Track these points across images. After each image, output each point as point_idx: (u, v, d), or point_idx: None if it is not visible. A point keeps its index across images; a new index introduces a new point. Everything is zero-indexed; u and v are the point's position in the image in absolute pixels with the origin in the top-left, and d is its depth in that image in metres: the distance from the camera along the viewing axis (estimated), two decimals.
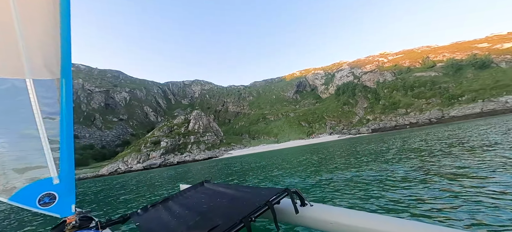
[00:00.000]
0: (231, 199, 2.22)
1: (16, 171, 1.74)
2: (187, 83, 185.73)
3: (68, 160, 1.87)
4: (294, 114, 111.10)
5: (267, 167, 11.73)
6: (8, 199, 1.69)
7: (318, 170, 7.70)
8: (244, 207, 1.82)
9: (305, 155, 16.35)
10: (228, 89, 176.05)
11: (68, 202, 1.93)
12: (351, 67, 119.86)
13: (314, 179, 6.20)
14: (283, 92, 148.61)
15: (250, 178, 8.71)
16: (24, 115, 1.71)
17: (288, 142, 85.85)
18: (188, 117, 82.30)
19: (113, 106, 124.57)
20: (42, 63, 1.67)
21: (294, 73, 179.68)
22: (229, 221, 1.57)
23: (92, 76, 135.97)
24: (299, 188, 2.70)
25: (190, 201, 2.59)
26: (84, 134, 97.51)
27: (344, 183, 5.09)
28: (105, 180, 27.84)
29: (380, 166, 6.70)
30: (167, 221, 2.05)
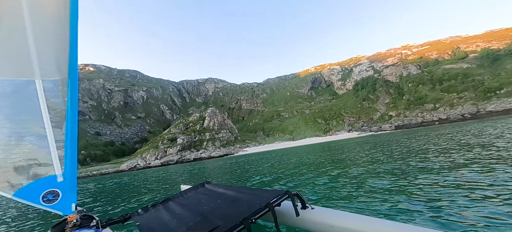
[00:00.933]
0: (232, 201, 2.19)
1: (22, 168, 1.80)
2: (201, 82, 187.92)
3: (71, 159, 1.92)
4: (309, 111, 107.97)
5: (284, 166, 11.00)
6: (12, 195, 1.73)
7: (343, 171, 6.67)
8: (244, 209, 1.81)
9: (322, 153, 15.15)
10: (241, 87, 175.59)
11: (70, 200, 1.96)
12: (370, 61, 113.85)
13: (337, 181, 5.39)
14: (297, 89, 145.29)
15: (267, 177, 8.06)
16: (32, 115, 1.78)
17: (304, 140, 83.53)
18: (203, 115, 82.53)
19: (131, 105, 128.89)
20: (51, 64, 1.72)
21: (309, 69, 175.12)
22: (230, 222, 1.57)
23: (111, 76, 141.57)
24: (316, 190, 3.03)
25: (190, 202, 2.54)
26: (105, 132, 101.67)
27: (374, 188, 4.21)
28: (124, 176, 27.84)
29: (421, 171, 5.24)
30: (167, 221, 2.05)
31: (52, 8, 1.58)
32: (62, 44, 1.67)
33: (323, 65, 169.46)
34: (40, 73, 1.71)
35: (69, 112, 1.83)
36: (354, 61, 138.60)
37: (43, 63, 1.69)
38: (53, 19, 1.60)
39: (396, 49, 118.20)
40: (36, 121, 1.78)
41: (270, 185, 6.45)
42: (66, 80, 1.78)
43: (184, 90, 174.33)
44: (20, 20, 1.52)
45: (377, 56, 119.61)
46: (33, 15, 1.54)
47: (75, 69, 1.78)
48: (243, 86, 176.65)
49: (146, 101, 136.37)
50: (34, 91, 1.73)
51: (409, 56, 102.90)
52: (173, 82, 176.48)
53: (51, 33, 1.64)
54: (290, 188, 3.30)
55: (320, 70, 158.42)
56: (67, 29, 1.64)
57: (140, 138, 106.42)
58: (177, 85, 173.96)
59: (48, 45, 1.67)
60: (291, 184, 5.86)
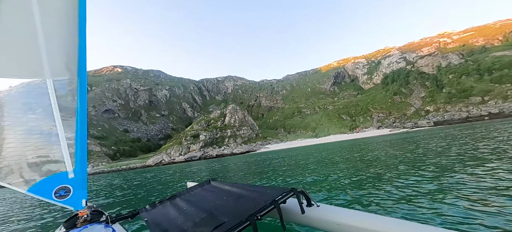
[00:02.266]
0: (237, 198, 2.21)
1: (36, 164, 1.88)
2: (220, 80, 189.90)
3: (82, 156, 1.99)
4: (333, 107, 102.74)
5: (311, 164, 10.19)
6: (26, 191, 1.80)
7: (382, 175, 5.55)
8: (250, 206, 1.83)
9: (351, 152, 13.49)
10: (260, 84, 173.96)
11: (81, 196, 2.04)
12: (402, 52, 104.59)
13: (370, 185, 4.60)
14: (319, 85, 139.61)
15: (295, 175, 7.39)
16: (44, 113, 1.86)
17: (328, 137, 79.38)
18: (224, 112, 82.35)
19: (155, 103, 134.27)
20: (61, 64, 1.79)
21: (331, 64, 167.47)
22: (235, 219, 1.58)
23: (137, 76, 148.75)
24: (349, 190, 2.95)
25: (196, 198, 2.59)
26: (132, 129, 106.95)
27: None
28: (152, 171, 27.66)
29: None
30: (174, 217, 2.09)
31: (61, 8, 1.62)
32: (71, 44, 1.72)
33: (346, 59, 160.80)
34: (51, 73, 1.76)
35: (78, 110, 1.88)
36: (382, 53, 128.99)
37: (53, 63, 1.74)
38: (62, 20, 1.65)
39: (432, 37, 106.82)
40: (47, 120, 1.84)
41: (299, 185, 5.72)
42: (75, 79, 1.83)
43: (204, 88, 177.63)
44: (31, 21, 1.55)
45: (410, 46, 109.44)
46: (43, 16, 1.57)
47: (84, 69, 1.83)
48: (262, 83, 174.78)
49: (169, 100, 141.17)
50: (45, 91, 1.79)
51: (448, 44, 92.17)
52: (193, 81, 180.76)
53: (61, 33, 1.68)
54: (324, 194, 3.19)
55: (343, 64, 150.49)
56: (76, 29, 1.68)
57: (164, 135, 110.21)
58: (197, 84, 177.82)
59: (58, 45, 1.71)
60: (324, 193, 4.63)
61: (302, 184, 5.77)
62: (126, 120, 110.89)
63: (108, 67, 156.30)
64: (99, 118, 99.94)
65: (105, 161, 69.81)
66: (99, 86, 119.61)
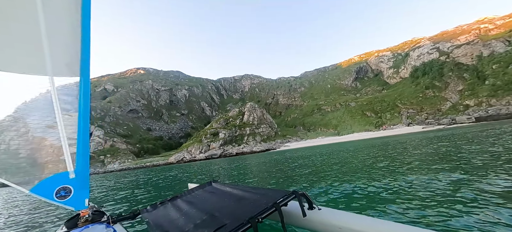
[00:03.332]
0: (239, 200, 2.20)
1: (36, 164, 1.87)
2: (237, 78, 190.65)
3: (84, 156, 1.97)
4: (355, 103, 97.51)
5: (338, 164, 9.24)
6: (29, 191, 1.80)
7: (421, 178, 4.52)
8: (251, 208, 1.82)
9: (380, 151, 11.98)
10: (277, 82, 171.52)
11: (82, 196, 2.03)
12: (433, 42, 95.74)
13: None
14: (339, 80, 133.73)
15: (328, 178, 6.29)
16: (45, 112, 1.84)
17: (351, 135, 75.30)
18: (242, 110, 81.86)
19: (175, 103, 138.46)
20: (63, 62, 1.78)
21: (352, 58, 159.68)
22: (236, 221, 1.58)
23: (158, 77, 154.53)
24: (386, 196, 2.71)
25: (197, 200, 2.58)
26: (155, 127, 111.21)
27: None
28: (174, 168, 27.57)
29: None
30: (175, 218, 2.08)
31: (64, 7, 1.62)
32: (74, 43, 1.72)
33: (369, 52, 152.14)
34: (53, 71, 1.75)
35: (81, 110, 1.86)
36: (410, 44, 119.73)
37: (56, 61, 1.74)
38: (65, 19, 1.65)
39: (469, 24, 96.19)
40: (49, 119, 1.81)
41: (331, 188, 4.96)
42: (78, 79, 1.82)
43: (221, 87, 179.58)
44: (34, 17, 1.55)
45: (443, 35, 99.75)
46: (47, 13, 1.57)
47: (87, 68, 1.80)
48: (279, 80, 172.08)
49: (188, 99, 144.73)
50: (47, 89, 1.77)
51: (490, 31, 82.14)
52: (211, 80, 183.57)
53: (63, 32, 1.69)
54: (364, 195, 2.93)
55: (365, 59, 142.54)
56: (79, 29, 1.68)
57: (184, 133, 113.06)
58: (215, 83, 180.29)
59: (60, 44, 1.72)
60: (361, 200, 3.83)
61: (336, 190, 4.82)
62: (149, 119, 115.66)
63: (132, 69, 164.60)
64: (124, 118, 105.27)
65: (131, 158, 73.03)
66: (124, 88, 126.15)
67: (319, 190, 4.85)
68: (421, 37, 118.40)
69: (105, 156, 72.18)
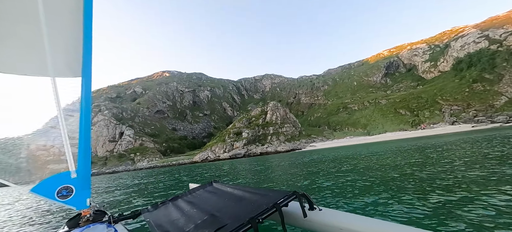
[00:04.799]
0: (239, 200, 2.21)
1: (38, 164, 1.89)
2: (258, 78, 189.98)
3: (85, 156, 1.98)
4: (386, 101, 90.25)
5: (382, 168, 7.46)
6: (30, 190, 1.80)
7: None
8: (252, 208, 1.83)
9: (423, 155, 9.90)
10: (299, 80, 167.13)
11: (84, 196, 2.04)
12: (481, 30, 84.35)
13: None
14: (366, 77, 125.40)
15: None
16: (47, 113, 1.85)
17: (384, 135, 69.41)
18: (265, 109, 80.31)
19: (198, 103, 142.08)
20: (65, 63, 1.80)
21: (380, 53, 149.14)
22: (237, 222, 1.58)
23: (182, 79, 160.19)
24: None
25: (198, 200, 2.59)
26: (179, 127, 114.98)
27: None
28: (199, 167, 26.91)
29: None
30: (176, 218, 2.10)
31: (66, 9, 1.62)
32: (76, 44, 1.73)
33: (400, 46, 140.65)
34: (55, 72, 1.77)
35: (83, 110, 1.86)
36: (449, 34, 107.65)
37: (58, 62, 1.75)
38: (67, 20, 1.65)
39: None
40: (50, 120, 1.82)
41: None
42: (80, 80, 1.83)
43: (242, 87, 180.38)
44: (36, 20, 1.55)
45: (492, 21, 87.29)
46: (49, 16, 1.57)
47: (89, 69, 1.80)
48: (301, 79, 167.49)
49: (210, 100, 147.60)
50: (49, 89, 1.78)
51: None
52: (232, 81, 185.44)
53: (65, 33, 1.70)
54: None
55: (396, 53, 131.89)
56: (80, 31, 1.69)
57: (207, 133, 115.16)
58: (236, 84, 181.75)
59: (62, 45, 1.73)
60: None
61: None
62: (174, 119, 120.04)
63: (158, 73, 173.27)
64: (152, 118, 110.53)
65: (158, 156, 75.86)
66: (151, 90, 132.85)
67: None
68: (463, 26, 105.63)
69: (135, 154, 75.97)
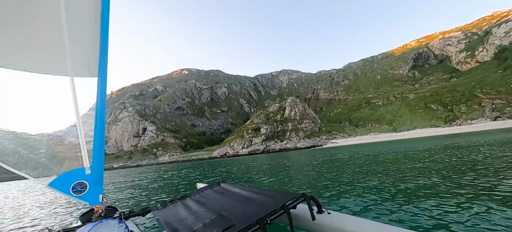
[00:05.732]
0: (247, 201, 2.21)
1: (55, 160, 1.97)
2: (275, 74, 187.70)
3: (99, 153, 2.05)
4: (415, 95, 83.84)
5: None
6: (48, 185, 1.88)
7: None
8: (260, 209, 1.82)
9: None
10: (317, 76, 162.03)
11: (97, 192, 2.11)
12: None
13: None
14: (392, 70, 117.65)
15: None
16: (65, 111, 1.93)
17: (412, 131, 64.55)
18: (283, 105, 78.76)
19: (216, 100, 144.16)
20: (83, 63, 1.87)
21: (407, 44, 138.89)
22: (245, 222, 1.58)
23: (200, 76, 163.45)
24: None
25: (206, 199, 2.59)
26: (198, 124, 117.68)
27: None
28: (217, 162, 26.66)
29: None
30: (184, 217, 2.12)
31: (86, 10, 1.69)
32: (94, 45, 1.79)
33: (430, 36, 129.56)
34: (74, 72, 1.84)
35: (98, 109, 1.93)
36: (490, 20, 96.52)
37: (76, 62, 1.82)
38: (86, 21, 1.72)
39: None
40: (68, 117, 1.91)
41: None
42: (96, 79, 1.90)
43: (259, 84, 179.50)
44: (58, 22, 1.62)
45: None
46: (69, 17, 1.64)
47: (104, 69, 1.87)
48: (320, 74, 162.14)
49: (228, 96, 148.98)
50: (67, 88, 1.86)
51: None
52: (249, 77, 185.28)
53: (84, 34, 1.76)
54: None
55: (426, 43, 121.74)
56: (98, 32, 1.74)
57: (225, 129, 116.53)
58: (252, 80, 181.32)
59: (81, 46, 1.80)
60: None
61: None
62: (193, 116, 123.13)
63: (177, 71, 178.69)
64: (172, 115, 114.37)
65: (178, 151, 78.24)
66: (171, 87, 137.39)
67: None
68: (507, 10, 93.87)
69: (157, 149, 79.13)
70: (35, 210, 6.49)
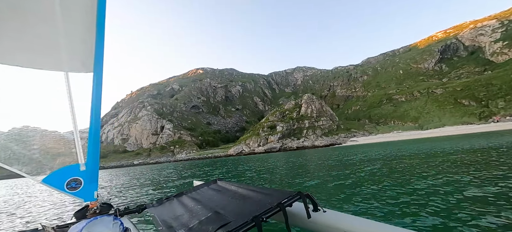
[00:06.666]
0: (243, 198, 2.22)
1: (49, 156, 1.97)
2: (289, 71, 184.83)
3: (94, 149, 2.03)
4: (443, 90, 77.90)
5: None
6: (41, 181, 1.87)
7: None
8: (256, 207, 1.84)
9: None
10: (334, 72, 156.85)
11: (91, 188, 2.10)
12: None
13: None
14: (415, 64, 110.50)
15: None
16: (59, 106, 1.92)
17: (441, 129, 59.86)
18: (299, 102, 76.87)
19: (230, 98, 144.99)
20: (79, 58, 1.85)
21: (433, 35, 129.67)
22: (241, 219, 1.60)
23: (215, 75, 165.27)
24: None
25: (202, 197, 2.61)
26: (213, 122, 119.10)
27: None
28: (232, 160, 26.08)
29: None
30: (180, 214, 2.13)
31: (82, 5, 1.66)
32: (89, 40, 1.78)
33: (459, 26, 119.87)
34: (69, 67, 1.83)
35: (93, 105, 1.91)
36: None
37: (71, 57, 1.82)
38: (82, 16, 1.70)
39: None
40: (62, 113, 1.89)
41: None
42: (91, 75, 1.88)
43: (273, 81, 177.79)
44: (53, 16, 1.60)
45: None
46: (64, 11, 1.62)
47: (100, 64, 1.85)
48: (336, 70, 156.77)
49: (242, 95, 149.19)
50: (62, 84, 1.84)
51: None
52: (263, 75, 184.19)
53: (80, 29, 1.74)
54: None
55: (454, 33, 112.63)
56: (94, 27, 1.73)
57: (239, 127, 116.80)
58: (266, 78, 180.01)
59: (76, 41, 1.78)
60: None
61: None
62: (208, 114, 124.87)
63: (192, 70, 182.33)
64: (188, 113, 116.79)
65: (195, 149, 79.53)
66: (187, 86, 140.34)
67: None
68: None
69: (174, 147, 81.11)
70: (28, 207, 6.48)
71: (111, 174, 23.16)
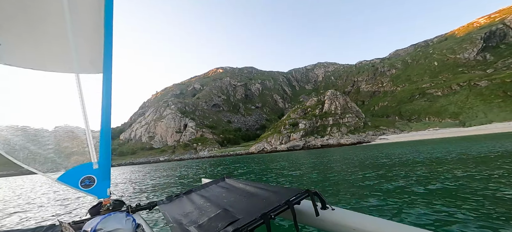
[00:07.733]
0: (251, 196, 2.22)
1: (64, 155, 2.07)
2: (309, 68, 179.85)
3: (106, 148, 2.12)
4: (488, 82, 69.44)
5: None
6: (57, 179, 1.96)
7: None
8: (264, 204, 1.83)
9: None
10: (358, 67, 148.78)
11: (104, 186, 2.18)
12: None
13: None
14: (453, 54, 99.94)
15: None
16: (72, 107, 2.02)
17: (488, 126, 53.32)
18: (322, 98, 73.95)
19: (250, 96, 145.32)
20: (88, 60, 1.93)
21: (474, 22, 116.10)
22: (249, 217, 1.59)
23: (234, 74, 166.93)
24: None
25: (211, 194, 2.64)
26: (234, 120, 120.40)
27: None
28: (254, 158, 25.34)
29: None
30: (189, 211, 2.19)
31: (89, 6, 1.72)
32: (98, 41, 1.84)
33: (506, 9, 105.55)
34: (79, 68, 1.92)
35: (103, 105, 1.98)
36: None
37: (81, 59, 1.89)
38: (90, 17, 1.76)
39: None
40: (75, 113, 1.99)
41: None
42: (101, 75, 1.95)
43: (293, 79, 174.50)
44: (61, 18, 1.66)
45: None
46: (73, 13, 1.68)
47: (109, 65, 1.92)
48: (360, 65, 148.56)
49: (262, 93, 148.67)
50: (73, 85, 1.93)
51: None
52: (282, 73, 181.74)
53: (88, 30, 1.81)
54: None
55: (501, 18, 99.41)
56: (102, 28, 1.79)
57: (260, 125, 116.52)
58: (286, 75, 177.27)
59: (86, 42, 1.86)
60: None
61: None
62: (228, 112, 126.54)
63: (212, 69, 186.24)
64: (209, 112, 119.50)
65: (216, 147, 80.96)
66: (208, 86, 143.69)
67: None
68: None
69: (197, 144, 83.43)
70: (45, 203, 6.77)
71: (142, 170, 23.72)
